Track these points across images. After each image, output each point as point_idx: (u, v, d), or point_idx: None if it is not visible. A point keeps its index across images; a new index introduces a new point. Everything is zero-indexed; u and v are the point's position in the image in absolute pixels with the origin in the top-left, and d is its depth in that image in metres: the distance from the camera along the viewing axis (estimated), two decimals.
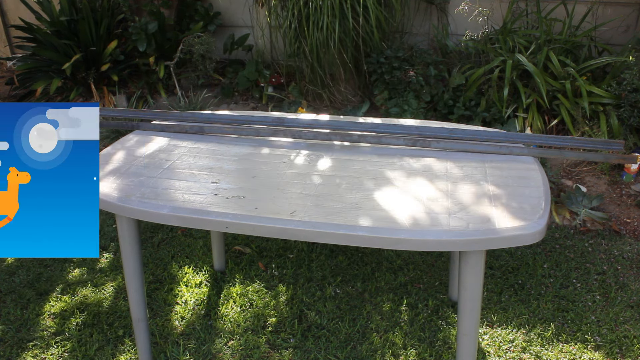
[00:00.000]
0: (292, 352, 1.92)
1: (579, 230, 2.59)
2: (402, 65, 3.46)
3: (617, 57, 3.19)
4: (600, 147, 1.64)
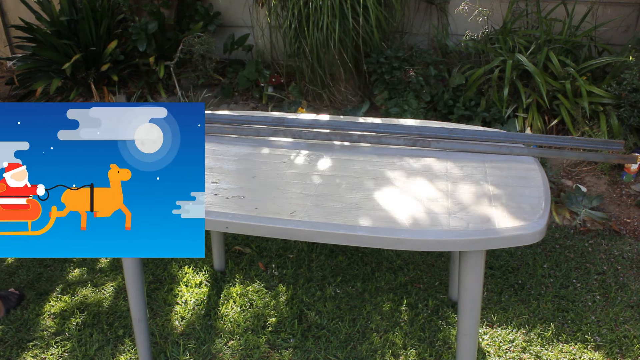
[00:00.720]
0: (292, 352, 1.92)
1: (579, 230, 2.59)
2: (402, 65, 3.46)
3: (617, 57, 3.19)
4: (600, 147, 1.65)
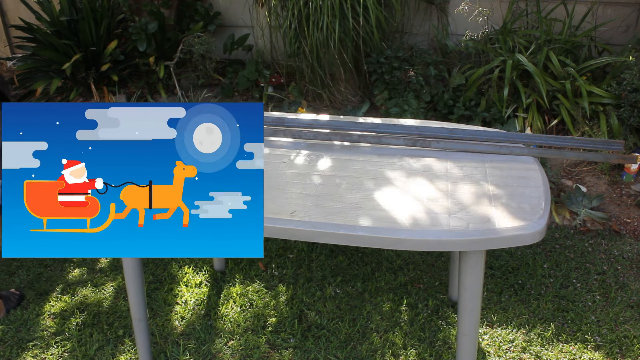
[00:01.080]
0: (292, 352, 1.92)
1: (579, 230, 2.59)
2: (402, 65, 3.46)
3: (617, 57, 3.19)
4: (600, 147, 1.65)
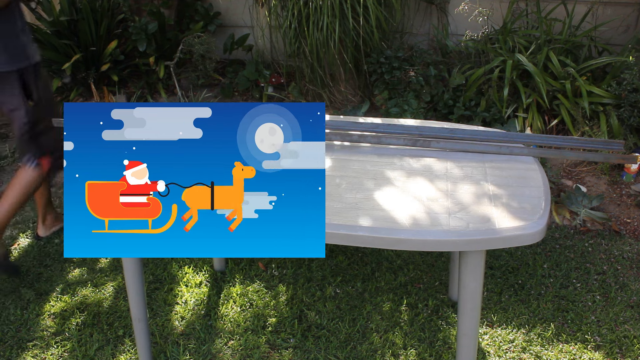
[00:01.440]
0: (292, 352, 1.92)
1: (579, 230, 2.59)
2: (402, 65, 3.46)
3: (617, 57, 3.19)
4: (600, 147, 1.65)
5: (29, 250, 2.56)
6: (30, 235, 2.67)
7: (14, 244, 2.61)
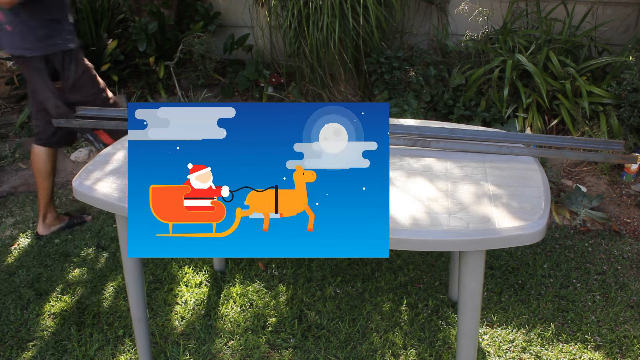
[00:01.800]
0: (292, 352, 1.92)
1: (579, 230, 2.59)
2: (402, 65, 3.46)
3: (617, 57, 3.19)
4: (600, 147, 1.65)
5: (29, 250, 2.56)
6: (30, 235, 2.67)
7: (14, 244, 2.61)
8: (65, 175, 3.32)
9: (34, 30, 2.20)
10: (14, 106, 4.32)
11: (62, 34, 2.29)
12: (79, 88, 2.38)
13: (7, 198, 3.06)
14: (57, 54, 2.29)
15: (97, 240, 2.61)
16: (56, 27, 2.26)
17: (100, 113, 2.03)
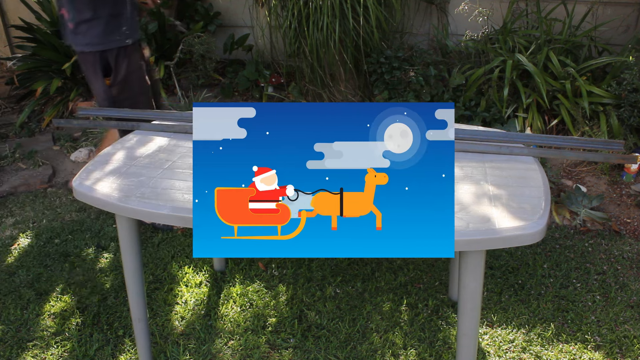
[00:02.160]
0: (292, 352, 1.92)
1: (579, 230, 2.59)
2: (402, 65, 3.46)
3: (617, 57, 3.19)
4: (600, 147, 1.64)
5: (29, 250, 2.56)
6: (30, 235, 2.68)
7: (14, 244, 2.61)
8: (65, 175, 3.32)
9: (94, 27, 2.24)
10: (14, 106, 4.32)
11: (120, 30, 2.31)
12: (124, 86, 2.39)
13: (7, 198, 3.06)
14: (112, 50, 2.31)
15: (97, 240, 2.61)
16: (115, 24, 2.29)
17: (100, 113, 2.03)
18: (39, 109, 4.08)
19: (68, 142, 3.62)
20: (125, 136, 1.84)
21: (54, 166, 3.39)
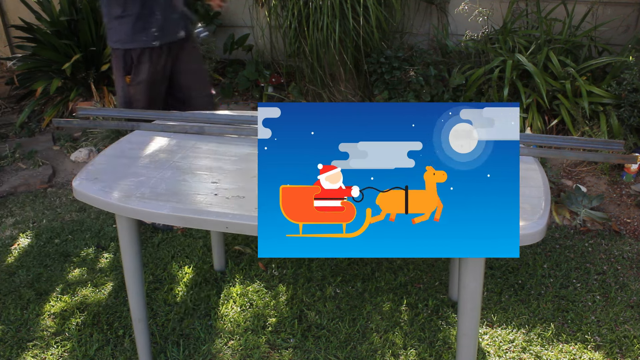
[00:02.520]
0: (292, 352, 1.92)
1: (579, 230, 2.59)
2: (402, 65, 3.46)
3: (617, 57, 3.19)
4: (600, 147, 1.64)
5: (29, 250, 2.56)
6: (30, 235, 2.68)
7: (14, 244, 2.61)
8: (65, 175, 3.32)
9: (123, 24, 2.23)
10: (14, 106, 4.32)
11: (149, 30, 2.28)
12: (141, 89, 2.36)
13: (7, 198, 3.06)
14: (136, 50, 2.29)
15: (97, 240, 2.61)
16: (143, 24, 2.26)
17: (100, 113, 2.03)
18: (39, 109, 4.08)
19: (68, 142, 3.62)
20: (125, 136, 1.84)
21: (54, 166, 3.39)
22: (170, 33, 2.34)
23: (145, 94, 2.36)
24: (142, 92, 2.35)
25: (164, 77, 2.43)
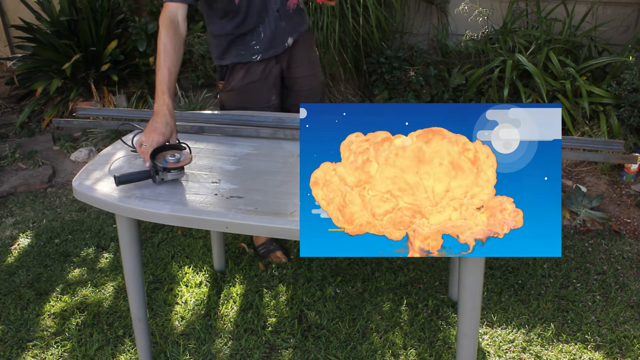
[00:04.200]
0: (292, 352, 1.92)
1: (579, 230, 2.59)
2: (402, 65, 3.46)
3: (617, 57, 3.19)
4: (600, 147, 1.65)
5: (29, 250, 2.56)
6: (30, 235, 2.68)
7: (14, 244, 2.61)
8: (65, 175, 3.32)
9: (220, 43, 2.14)
10: (14, 106, 4.32)
11: (248, 45, 2.13)
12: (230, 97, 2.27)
13: (7, 198, 3.06)
14: (229, 65, 2.18)
15: (97, 240, 2.61)
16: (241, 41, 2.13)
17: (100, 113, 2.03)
18: (39, 109, 4.08)
19: (68, 142, 3.62)
20: (126, 136, 1.84)
21: (54, 166, 3.39)
22: (274, 46, 2.15)
23: (235, 100, 2.25)
24: (232, 99, 2.26)
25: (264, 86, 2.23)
